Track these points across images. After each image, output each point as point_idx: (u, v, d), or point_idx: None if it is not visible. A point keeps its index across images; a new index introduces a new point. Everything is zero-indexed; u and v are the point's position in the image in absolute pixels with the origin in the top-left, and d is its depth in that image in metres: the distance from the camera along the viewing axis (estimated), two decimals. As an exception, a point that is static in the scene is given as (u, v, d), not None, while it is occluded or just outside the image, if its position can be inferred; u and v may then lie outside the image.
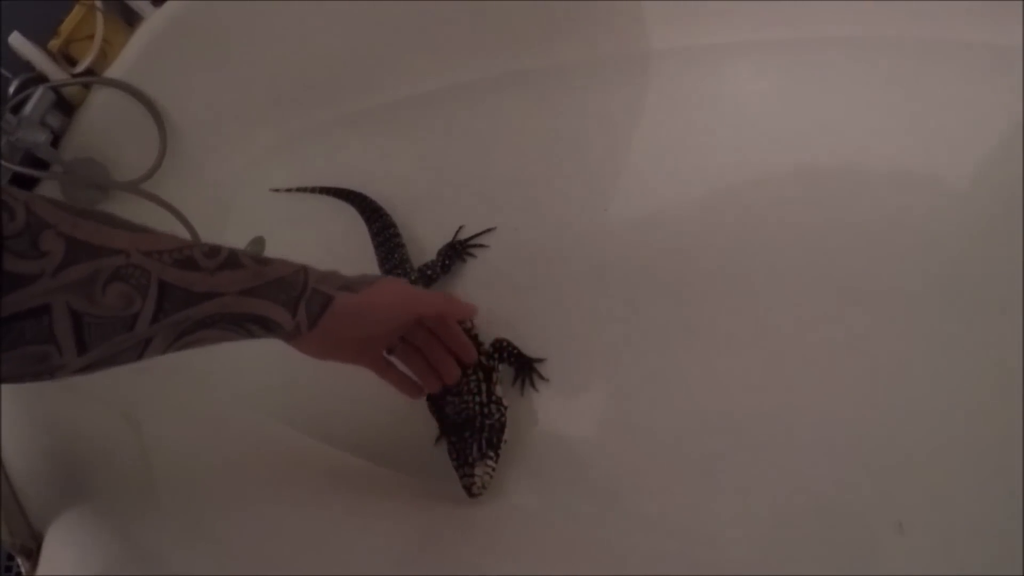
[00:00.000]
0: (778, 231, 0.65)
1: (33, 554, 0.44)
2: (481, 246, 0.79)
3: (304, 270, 0.50)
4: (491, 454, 0.60)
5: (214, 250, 0.43)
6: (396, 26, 0.88)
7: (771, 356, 0.61)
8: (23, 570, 0.46)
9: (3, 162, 0.87)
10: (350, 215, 0.90)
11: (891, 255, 0.61)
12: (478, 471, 0.59)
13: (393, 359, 0.63)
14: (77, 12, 0.93)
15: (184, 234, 0.92)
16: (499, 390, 0.63)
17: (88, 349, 0.36)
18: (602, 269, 0.72)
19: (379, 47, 0.92)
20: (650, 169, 0.75)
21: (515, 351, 0.67)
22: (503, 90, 0.89)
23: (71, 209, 0.36)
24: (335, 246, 0.88)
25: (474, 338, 0.66)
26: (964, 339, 0.55)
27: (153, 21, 0.93)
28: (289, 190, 0.99)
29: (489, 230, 0.79)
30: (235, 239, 0.98)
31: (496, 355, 0.66)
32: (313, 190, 0.97)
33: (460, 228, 0.80)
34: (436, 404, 0.65)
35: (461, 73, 0.91)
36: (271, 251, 0.93)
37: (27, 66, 0.93)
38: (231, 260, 0.44)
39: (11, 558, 0.81)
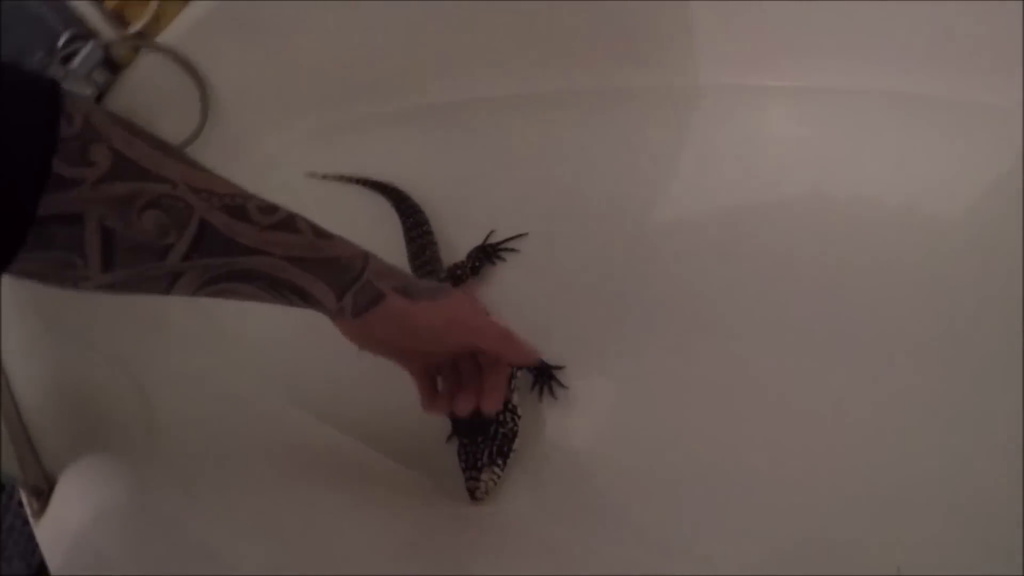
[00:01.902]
0: (800, 272, 0.67)
1: (44, 495, 0.44)
2: (512, 251, 0.80)
3: (365, 257, 0.48)
4: (499, 462, 0.60)
5: (271, 208, 0.42)
6: (456, 31, 0.90)
7: (782, 394, 0.62)
8: (29, 508, 0.45)
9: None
10: (382, 209, 0.90)
11: (905, 300, 0.62)
12: (484, 476, 0.59)
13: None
14: (137, -25, 0.94)
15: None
16: (516, 398, 0.63)
17: (113, 267, 0.36)
18: (628, 290, 0.73)
19: (436, 49, 0.93)
20: (683, 198, 0.77)
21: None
22: (552, 107, 0.90)
23: (133, 129, 0.36)
24: (365, 239, 0.88)
25: None
26: (968, 385, 0.57)
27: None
28: (326, 176, 0.99)
29: (521, 235, 0.80)
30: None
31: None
32: (350, 179, 0.97)
33: (491, 232, 0.81)
34: None
35: (512, 85, 0.92)
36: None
37: (79, 21, 0.94)
38: (287, 222, 0.43)
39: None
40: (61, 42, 0.92)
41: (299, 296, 0.45)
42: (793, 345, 0.64)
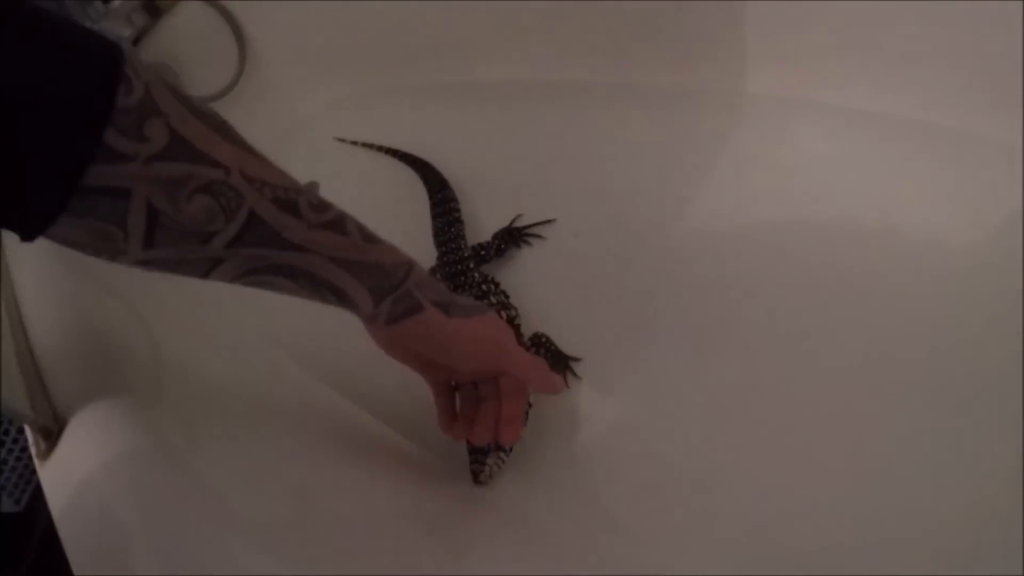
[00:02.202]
0: (819, 288, 0.68)
1: (53, 436, 0.44)
2: (538, 236, 0.79)
3: (409, 266, 0.48)
4: (506, 448, 0.59)
5: (323, 205, 0.41)
6: (511, 11, 0.89)
7: (789, 406, 0.62)
8: (35, 449, 0.45)
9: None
10: (409, 181, 0.90)
11: (917, 322, 0.63)
12: (490, 460, 0.59)
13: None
14: (185, -80, 0.93)
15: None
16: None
17: (154, 246, 0.35)
18: (648, 290, 0.73)
19: (486, 26, 0.92)
20: (714, 205, 0.77)
21: (552, 347, 0.67)
22: (594, 98, 0.89)
23: (191, 106, 0.35)
24: (389, 210, 0.85)
25: (516, 328, 0.66)
26: (970, 401, 0.58)
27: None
28: (355, 143, 0.98)
29: (548, 221, 0.80)
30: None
31: (532, 350, 0.66)
32: (380, 149, 0.96)
33: (518, 216, 0.80)
34: None
35: (558, 71, 0.91)
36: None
37: (124, -39, 0.94)
38: (336, 222, 0.42)
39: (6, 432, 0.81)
40: (103, -20, 0.92)
41: (336, 296, 0.44)
42: (805, 360, 0.64)
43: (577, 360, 0.67)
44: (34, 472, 0.78)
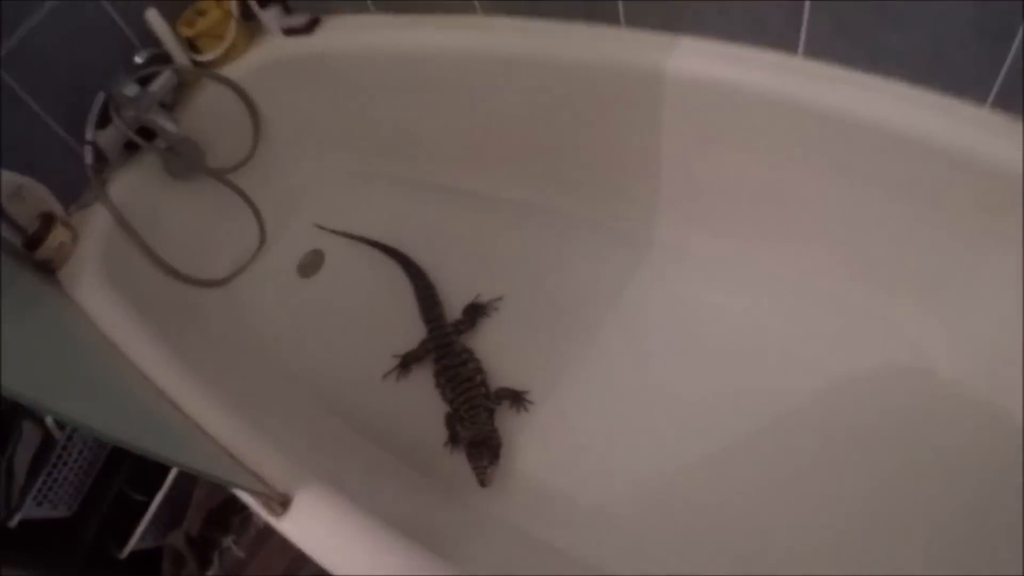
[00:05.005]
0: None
1: (287, 503, 0.67)
2: (495, 309, 1.04)
3: None
4: (495, 460, 0.88)
5: None
6: (485, 136, 1.08)
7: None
8: (271, 517, 0.67)
9: (122, 126, 0.98)
10: (386, 262, 1.12)
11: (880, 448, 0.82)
12: (489, 468, 0.87)
13: None
14: (215, 14, 1.06)
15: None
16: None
17: None
18: (589, 360, 0.98)
19: (467, 145, 1.10)
20: (622, 322, 1.00)
21: (510, 391, 0.96)
22: (531, 217, 1.12)
23: None
24: (382, 274, 1.08)
25: (487, 387, 0.95)
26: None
27: (280, 42, 1.10)
28: (335, 232, 1.14)
29: (499, 298, 1.05)
30: (295, 243, 1.18)
31: (496, 398, 0.95)
32: (360, 239, 1.13)
33: (478, 295, 1.05)
34: (452, 425, 0.94)
35: (516, 192, 1.12)
36: (328, 268, 1.15)
37: (151, 39, 1.04)
38: None
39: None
40: (138, 59, 1.02)
41: None
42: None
43: (526, 391, 0.96)
44: (86, 479, 0.88)
